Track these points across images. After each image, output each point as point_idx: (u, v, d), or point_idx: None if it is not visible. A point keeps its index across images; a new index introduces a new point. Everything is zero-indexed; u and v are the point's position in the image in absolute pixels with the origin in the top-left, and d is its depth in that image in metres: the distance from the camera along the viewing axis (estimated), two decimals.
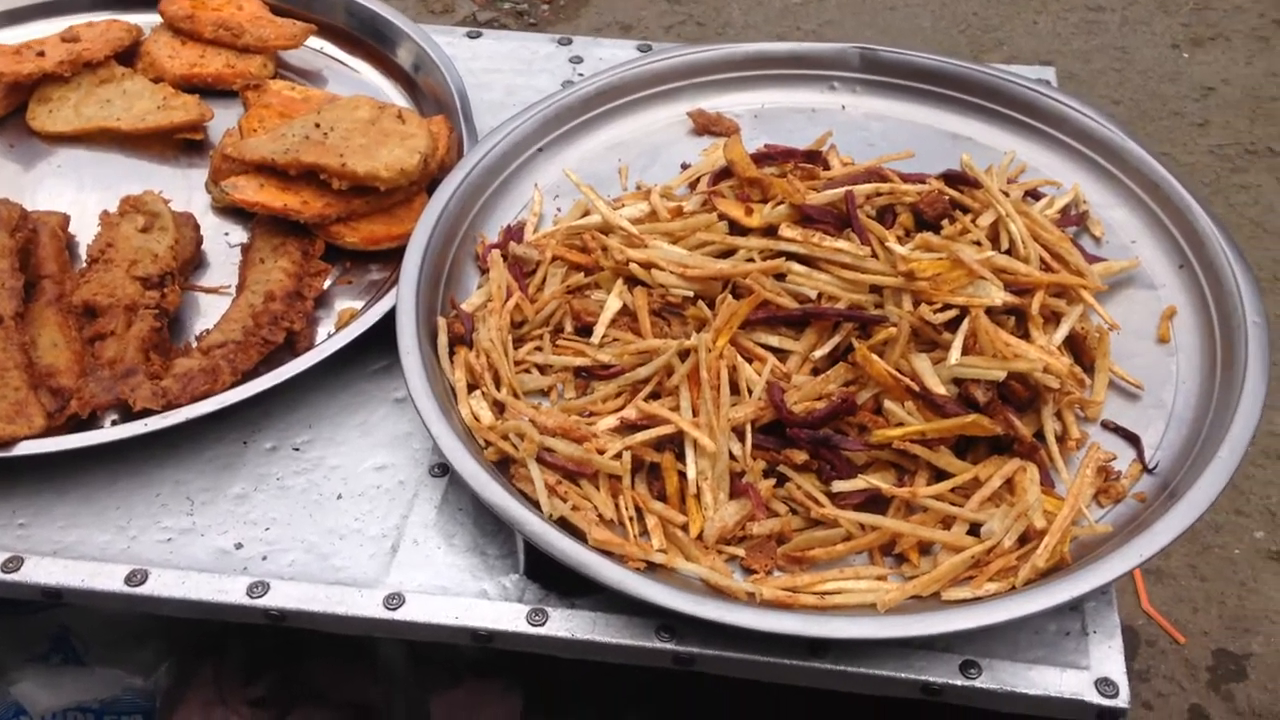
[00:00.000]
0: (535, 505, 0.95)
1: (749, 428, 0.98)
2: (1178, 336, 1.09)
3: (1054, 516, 0.92)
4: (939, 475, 0.96)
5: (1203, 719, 1.74)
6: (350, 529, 1.00)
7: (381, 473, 1.04)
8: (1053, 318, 1.06)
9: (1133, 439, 1.00)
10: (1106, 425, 1.02)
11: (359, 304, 1.19)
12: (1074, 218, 1.18)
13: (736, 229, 1.10)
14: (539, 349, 1.09)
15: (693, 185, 1.23)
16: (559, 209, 1.24)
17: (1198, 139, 2.95)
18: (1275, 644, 1.83)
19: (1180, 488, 0.93)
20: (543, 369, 1.08)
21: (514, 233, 1.20)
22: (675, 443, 0.99)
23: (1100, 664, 0.87)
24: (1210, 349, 1.06)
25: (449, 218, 1.18)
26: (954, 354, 0.97)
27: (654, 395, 1.03)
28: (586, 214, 1.20)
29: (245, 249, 1.22)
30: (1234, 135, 2.96)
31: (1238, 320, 1.04)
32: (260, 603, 0.94)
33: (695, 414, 0.99)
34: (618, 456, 0.97)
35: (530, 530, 0.91)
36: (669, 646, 0.89)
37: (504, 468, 0.99)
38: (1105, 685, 0.85)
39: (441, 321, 1.09)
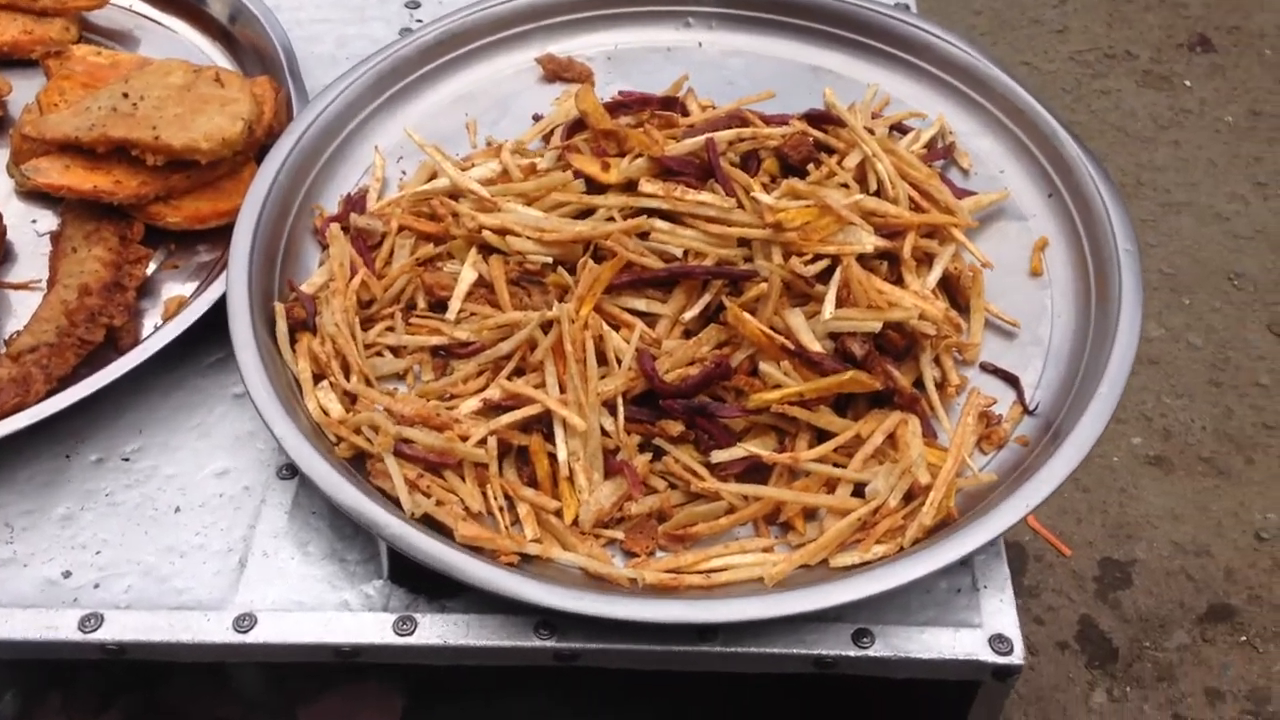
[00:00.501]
0: (396, 503, 0.88)
1: (620, 400, 0.92)
2: (1051, 268, 1.06)
3: (938, 470, 0.88)
4: (821, 435, 0.92)
5: (1092, 629, 1.78)
6: (192, 545, 0.91)
7: (223, 479, 0.96)
8: (925, 259, 1.02)
9: (1012, 380, 0.98)
10: (985, 367, 0.99)
11: (188, 290, 1.09)
12: (941, 150, 1.14)
13: (594, 186, 1.03)
14: (390, 329, 1.01)
15: (547, 138, 1.15)
16: (403, 172, 1.15)
17: (1058, 46, 2.97)
18: (1157, 549, 1.87)
19: (1063, 428, 0.91)
20: (396, 351, 1.00)
21: (355, 202, 1.10)
22: (544, 423, 0.92)
23: (992, 619, 0.84)
24: (1084, 280, 1.04)
25: (281, 189, 1.08)
26: (828, 307, 0.93)
27: (518, 372, 0.96)
28: (434, 177, 1.11)
29: (55, 237, 1.10)
30: (1092, 40, 2.98)
31: (1109, 249, 1.01)
32: (95, 637, 0.85)
33: (563, 390, 0.92)
34: (482, 443, 0.90)
35: (391, 533, 0.84)
36: (549, 644, 0.84)
37: (360, 464, 0.91)
38: (999, 642, 0.83)
39: (279, 307, 0.99)
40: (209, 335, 1.00)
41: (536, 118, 1.19)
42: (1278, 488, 1.95)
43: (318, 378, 0.97)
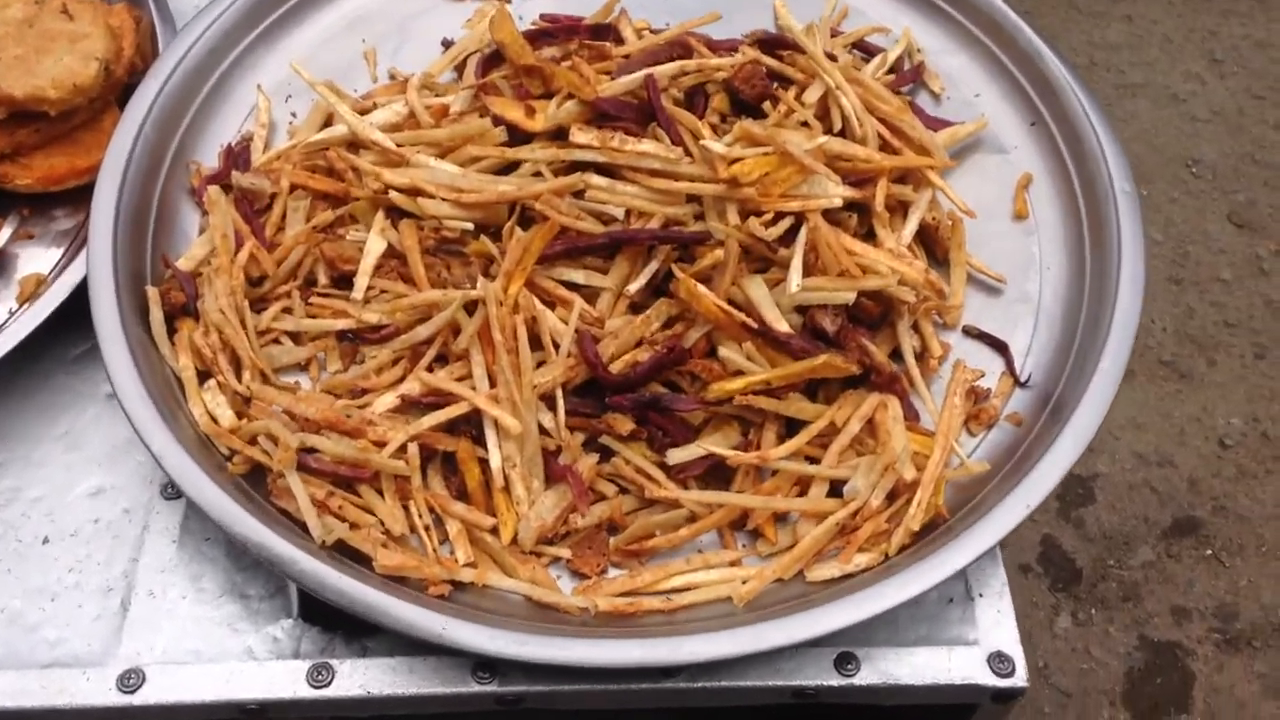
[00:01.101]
0: (303, 527, 0.75)
1: (560, 392, 0.80)
2: (1036, 210, 0.94)
3: (923, 461, 0.78)
4: (790, 423, 0.80)
5: (1055, 550, 1.73)
6: (64, 585, 0.78)
7: (99, 500, 0.82)
8: (898, 208, 0.90)
9: (1000, 346, 0.87)
10: (969, 332, 0.88)
11: (48, 263, 0.93)
12: (909, 73, 1.00)
13: (517, 134, 0.88)
14: (287, 312, 0.87)
15: (459, 68, 1.00)
16: (293, 115, 0.99)
17: None
18: (1120, 460, 1.81)
19: (1060, 406, 0.81)
20: (295, 337, 0.86)
21: (237, 154, 0.94)
22: (472, 423, 0.80)
23: (990, 635, 0.75)
24: (1075, 223, 0.92)
25: (149, 141, 0.92)
26: (794, 276, 0.80)
27: (440, 359, 0.83)
28: (330, 119, 0.95)
29: None
30: None
31: (1104, 189, 0.89)
32: None
33: (493, 383, 0.80)
34: (401, 451, 0.78)
35: (299, 570, 0.72)
36: (490, 689, 0.73)
37: (258, 479, 0.79)
38: (999, 661, 0.74)
39: (152, 292, 0.85)
40: (75, 320, 0.85)
41: (446, 44, 1.03)
42: (1240, 390, 1.89)
43: (203, 376, 0.83)
